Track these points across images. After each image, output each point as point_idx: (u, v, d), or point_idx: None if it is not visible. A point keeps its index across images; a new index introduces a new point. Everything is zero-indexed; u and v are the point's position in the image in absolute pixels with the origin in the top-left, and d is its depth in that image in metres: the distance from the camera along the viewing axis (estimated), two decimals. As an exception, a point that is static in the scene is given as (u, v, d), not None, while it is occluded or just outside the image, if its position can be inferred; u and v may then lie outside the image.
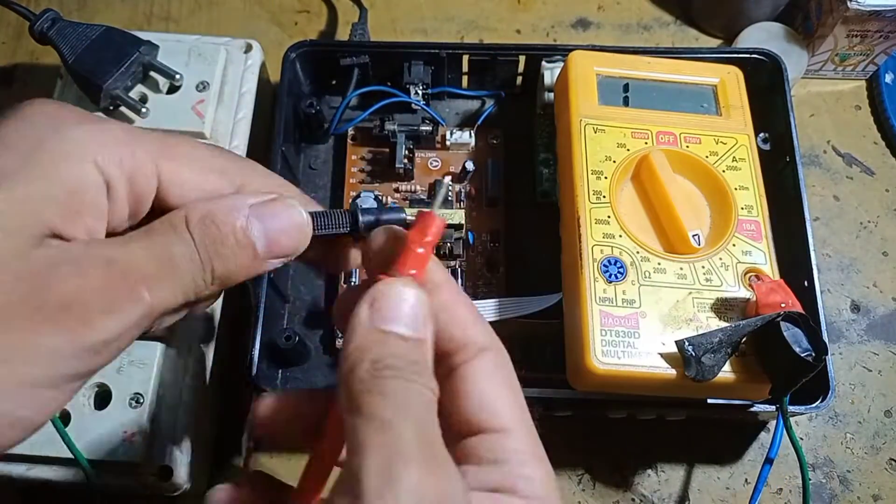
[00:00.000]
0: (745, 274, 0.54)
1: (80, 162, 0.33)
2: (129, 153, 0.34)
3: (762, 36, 0.77)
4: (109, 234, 0.35)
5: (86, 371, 0.33)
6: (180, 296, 0.34)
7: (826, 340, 0.51)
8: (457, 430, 0.34)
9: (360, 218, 0.39)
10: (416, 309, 0.33)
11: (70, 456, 0.55)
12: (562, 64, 0.67)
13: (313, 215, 0.38)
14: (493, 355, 0.36)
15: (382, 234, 0.36)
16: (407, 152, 0.69)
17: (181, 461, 0.57)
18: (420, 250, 0.35)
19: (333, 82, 0.74)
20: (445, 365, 0.35)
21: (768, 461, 0.54)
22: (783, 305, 0.49)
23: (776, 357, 0.49)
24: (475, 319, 0.36)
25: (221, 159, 0.38)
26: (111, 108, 0.66)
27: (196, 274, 0.34)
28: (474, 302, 0.61)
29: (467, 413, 0.34)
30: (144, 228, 0.34)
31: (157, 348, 0.58)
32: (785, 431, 0.52)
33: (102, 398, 0.57)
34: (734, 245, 0.56)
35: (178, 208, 0.35)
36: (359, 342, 0.32)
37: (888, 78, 0.78)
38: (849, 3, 0.68)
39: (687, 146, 0.59)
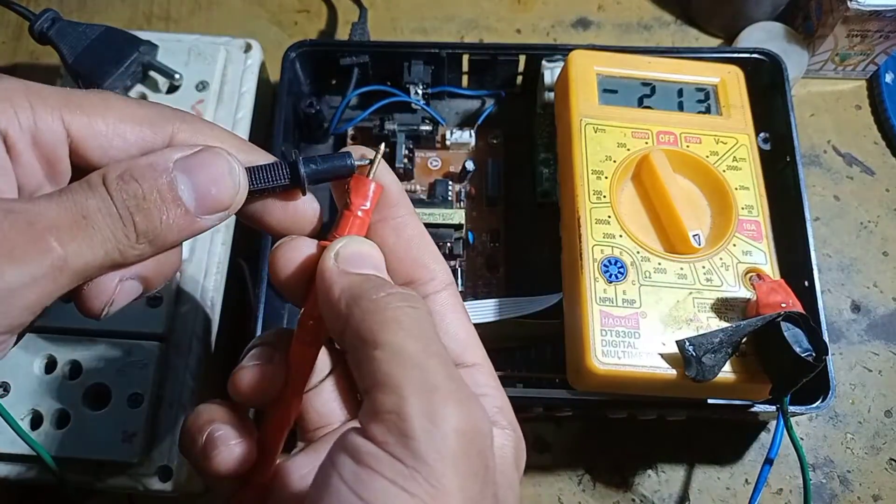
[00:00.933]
0: (746, 274, 0.54)
1: None
2: (26, 107, 0.32)
3: (762, 36, 0.77)
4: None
5: None
6: (100, 252, 0.32)
7: (826, 340, 0.51)
8: None
9: (301, 169, 0.36)
10: (378, 258, 0.36)
11: (67, 456, 0.55)
12: (562, 64, 0.67)
13: (249, 169, 0.36)
14: (454, 291, 0.39)
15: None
16: (407, 152, 0.69)
17: (181, 461, 0.57)
18: (360, 213, 0.37)
19: (333, 82, 0.74)
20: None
21: (768, 461, 0.54)
22: (784, 305, 0.49)
23: (777, 357, 0.49)
24: (440, 256, 0.40)
25: (146, 109, 0.36)
26: (111, 107, 0.65)
27: (116, 229, 0.32)
28: (474, 302, 0.61)
29: None
30: (59, 189, 0.33)
31: (157, 348, 0.58)
32: (785, 432, 0.52)
33: (101, 398, 0.57)
34: (734, 245, 0.56)
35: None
36: (344, 284, 0.34)
37: (888, 78, 0.78)
38: (849, 3, 0.68)
39: (687, 146, 0.59)
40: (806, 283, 0.60)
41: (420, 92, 0.71)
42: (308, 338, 0.37)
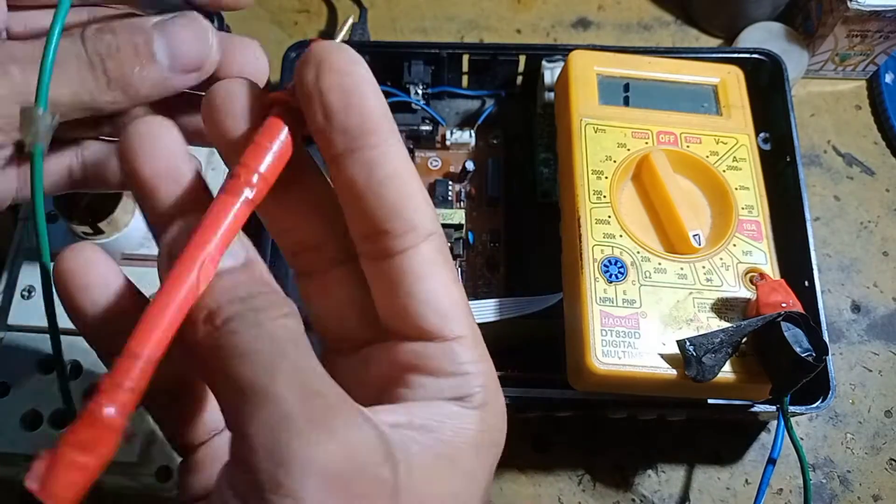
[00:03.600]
0: (746, 274, 0.54)
1: None
2: None
3: (762, 36, 0.77)
4: None
5: None
6: (66, 90, 0.33)
7: (826, 340, 0.51)
8: (396, 329, 0.30)
9: None
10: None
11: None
12: (562, 64, 0.67)
13: None
14: (439, 242, 0.31)
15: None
16: (407, 152, 0.69)
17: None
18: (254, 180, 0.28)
19: (333, 82, 0.74)
20: (381, 246, 0.29)
21: (771, 461, 0.54)
22: (784, 305, 0.49)
23: (777, 357, 0.49)
24: (424, 200, 0.30)
25: None
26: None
27: (83, 70, 0.33)
28: (474, 302, 0.61)
29: (415, 314, 0.30)
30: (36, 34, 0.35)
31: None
32: (786, 432, 0.52)
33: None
34: (735, 245, 0.56)
35: None
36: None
37: (888, 78, 0.78)
38: (849, 3, 0.68)
39: (687, 146, 0.59)
40: (806, 283, 0.60)
41: (420, 92, 0.71)
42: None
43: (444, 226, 0.65)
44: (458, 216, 0.65)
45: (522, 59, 0.72)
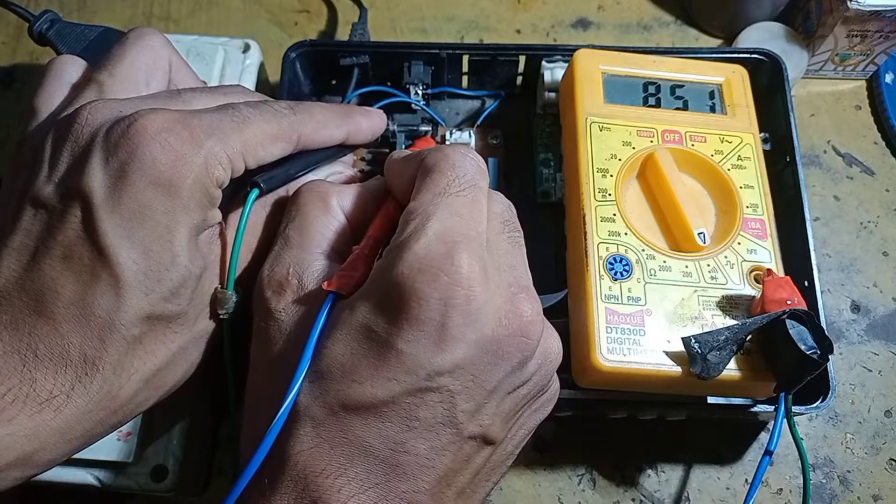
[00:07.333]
0: (751, 272, 0.54)
1: None
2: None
3: (762, 36, 0.78)
4: None
5: None
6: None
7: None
8: None
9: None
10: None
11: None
12: (562, 64, 0.67)
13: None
14: None
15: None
16: (407, 153, 0.69)
17: (176, 461, 0.57)
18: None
19: (333, 82, 0.74)
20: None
21: (767, 453, 0.54)
22: (789, 302, 0.49)
23: (782, 355, 0.49)
24: None
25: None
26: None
27: None
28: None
29: None
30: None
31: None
32: (786, 424, 0.51)
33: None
34: (739, 243, 0.56)
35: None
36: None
37: (888, 78, 0.78)
38: (849, 3, 0.69)
39: (692, 145, 0.59)
40: (806, 283, 0.60)
41: (420, 92, 0.71)
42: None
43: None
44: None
45: (522, 59, 0.72)
